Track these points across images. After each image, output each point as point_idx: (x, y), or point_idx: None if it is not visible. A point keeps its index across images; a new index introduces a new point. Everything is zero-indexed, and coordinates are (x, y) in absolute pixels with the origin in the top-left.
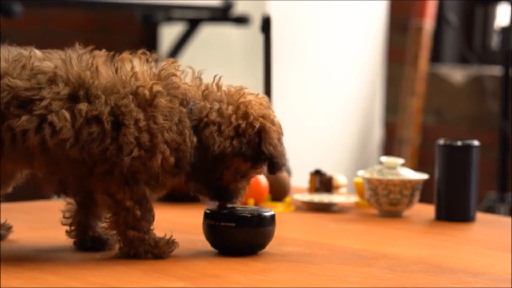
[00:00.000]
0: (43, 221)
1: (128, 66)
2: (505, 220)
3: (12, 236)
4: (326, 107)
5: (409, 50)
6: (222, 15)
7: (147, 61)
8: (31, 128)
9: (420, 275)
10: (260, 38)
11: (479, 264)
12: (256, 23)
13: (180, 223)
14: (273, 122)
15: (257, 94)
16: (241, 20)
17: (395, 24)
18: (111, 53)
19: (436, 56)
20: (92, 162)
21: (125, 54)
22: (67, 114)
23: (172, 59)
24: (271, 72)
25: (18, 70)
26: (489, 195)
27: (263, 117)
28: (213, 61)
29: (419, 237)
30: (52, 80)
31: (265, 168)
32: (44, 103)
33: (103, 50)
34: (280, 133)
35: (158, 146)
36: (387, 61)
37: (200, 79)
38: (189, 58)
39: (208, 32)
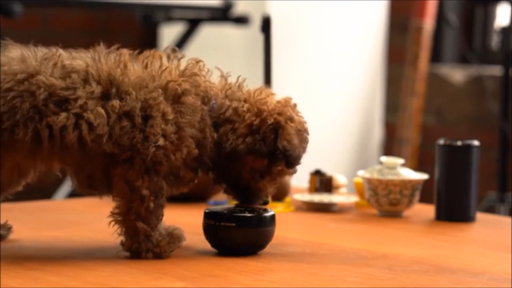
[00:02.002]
0: (43, 221)
1: (157, 63)
2: (505, 220)
3: (12, 236)
4: (326, 107)
5: (409, 50)
6: (222, 15)
7: (175, 59)
8: (69, 125)
9: (420, 275)
10: (260, 38)
11: (479, 264)
12: (256, 23)
13: (180, 223)
14: (291, 119)
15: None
16: (241, 20)
17: (395, 24)
18: (136, 51)
19: (436, 56)
20: (121, 153)
21: (154, 51)
22: (102, 111)
23: (197, 58)
24: (271, 72)
25: (50, 69)
26: (489, 195)
27: (279, 113)
28: (213, 61)
29: (419, 237)
30: (86, 80)
31: (285, 169)
32: (80, 102)
33: (126, 50)
34: (300, 130)
35: (185, 140)
36: (387, 61)
37: (226, 79)
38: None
39: (208, 32)
